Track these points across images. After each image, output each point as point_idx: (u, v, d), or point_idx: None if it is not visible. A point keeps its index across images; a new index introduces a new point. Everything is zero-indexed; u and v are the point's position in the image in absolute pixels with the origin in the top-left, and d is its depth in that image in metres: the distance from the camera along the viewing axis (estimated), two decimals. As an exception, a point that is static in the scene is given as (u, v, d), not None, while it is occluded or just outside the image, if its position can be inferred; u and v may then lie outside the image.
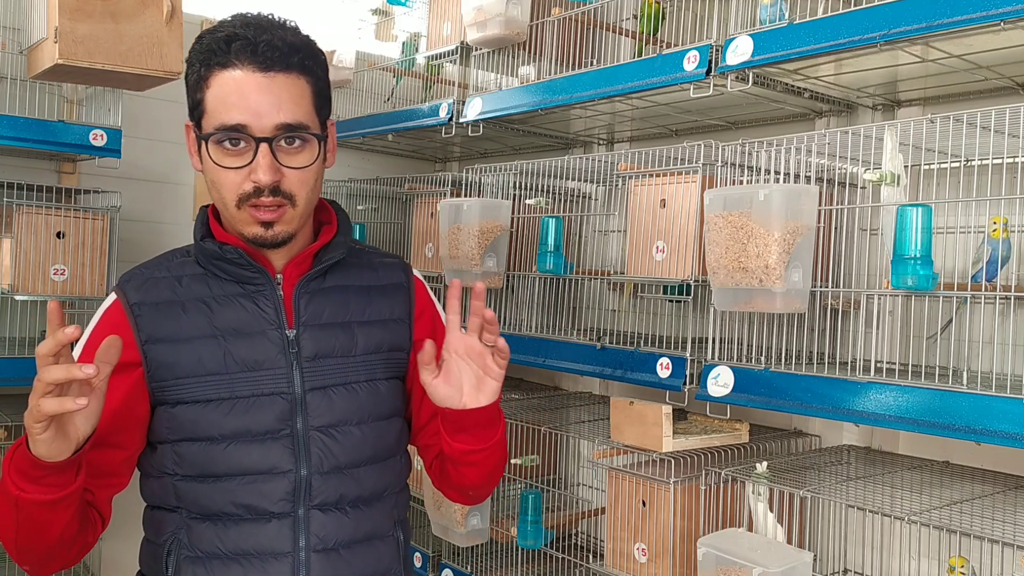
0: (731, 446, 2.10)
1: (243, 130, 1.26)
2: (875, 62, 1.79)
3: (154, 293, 1.34)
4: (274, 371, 1.34)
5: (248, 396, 1.32)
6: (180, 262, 1.39)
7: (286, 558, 1.32)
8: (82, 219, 2.58)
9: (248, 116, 1.25)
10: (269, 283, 1.37)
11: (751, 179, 1.87)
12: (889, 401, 1.56)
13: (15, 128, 2.50)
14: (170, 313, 1.33)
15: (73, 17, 2.10)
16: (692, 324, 2.01)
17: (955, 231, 1.90)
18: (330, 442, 1.35)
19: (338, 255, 1.42)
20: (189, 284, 1.36)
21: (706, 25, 2.08)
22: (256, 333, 1.34)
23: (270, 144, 1.26)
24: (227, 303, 1.35)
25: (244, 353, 1.33)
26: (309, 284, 1.39)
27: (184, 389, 1.32)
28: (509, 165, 2.49)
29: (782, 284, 1.66)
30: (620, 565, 2.10)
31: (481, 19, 2.49)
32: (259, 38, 1.25)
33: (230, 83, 1.26)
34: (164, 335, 1.32)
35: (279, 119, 1.26)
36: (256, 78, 1.26)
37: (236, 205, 1.29)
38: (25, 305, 2.71)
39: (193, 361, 1.32)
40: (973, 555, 1.63)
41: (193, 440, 1.32)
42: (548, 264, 2.34)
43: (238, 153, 1.27)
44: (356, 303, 1.43)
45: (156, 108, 3.12)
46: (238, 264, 1.35)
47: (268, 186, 1.27)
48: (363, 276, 1.46)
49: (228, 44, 1.25)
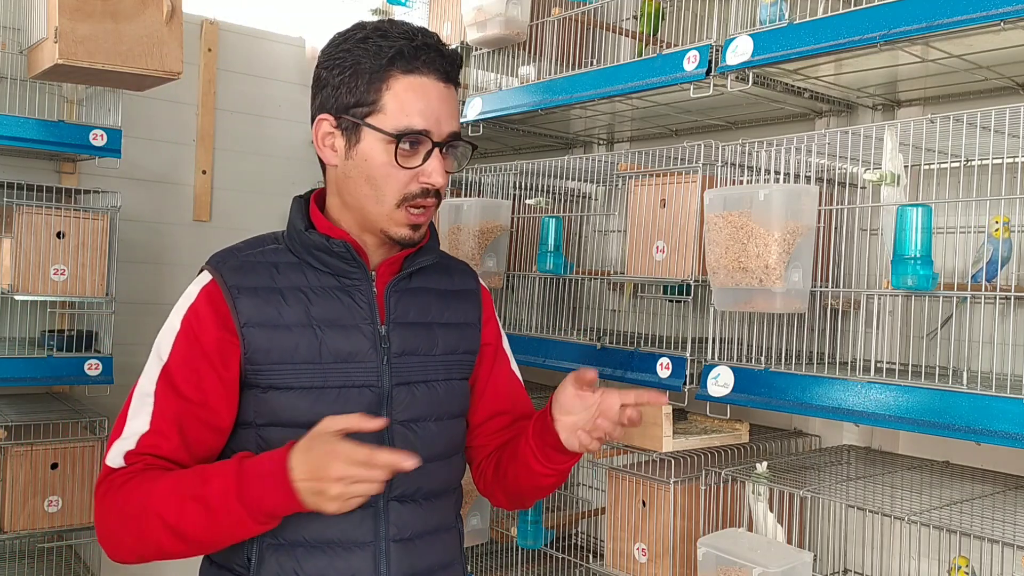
0: (731, 446, 2.10)
1: (427, 135, 1.33)
2: (875, 62, 1.79)
3: (252, 277, 1.37)
4: (365, 364, 1.38)
5: (339, 387, 1.36)
6: (272, 249, 1.42)
7: (368, 547, 1.36)
8: (82, 219, 2.58)
9: (431, 123, 1.33)
10: (366, 279, 1.41)
11: (751, 179, 1.87)
12: (889, 401, 1.56)
13: (15, 128, 2.50)
14: (270, 299, 1.36)
15: (73, 17, 2.10)
16: (692, 324, 2.01)
17: (955, 231, 1.90)
18: (411, 436, 1.40)
19: (430, 260, 1.48)
20: (286, 272, 1.39)
21: (706, 25, 2.08)
22: (351, 327, 1.38)
23: (442, 150, 1.36)
24: (324, 295, 1.38)
25: (338, 345, 1.37)
26: (399, 284, 1.45)
27: (277, 375, 1.34)
28: (509, 165, 2.49)
29: (782, 284, 1.66)
30: (620, 565, 2.10)
31: (481, 19, 2.49)
32: (444, 50, 1.36)
33: (418, 89, 1.33)
34: (263, 320, 1.35)
35: (452, 127, 1.37)
36: (440, 87, 1.35)
37: (396, 204, 1.35)
38: (25, 305, 2.71)
39: (289, 348, 1.34)
40: (973, 555, 1.63)
41: (281, 425, 1.34)
42: (548, 264, 2.34)
43: (412, 154, 1.34)
44: (437, 305, 1.49)
45: (156, 108, 3.12)
46: (341, 258, 1.39)
47: (441, 188, 1.37)
48: (441, 280, 1.52)
49: (418, 52, 1.33)
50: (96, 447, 2.60)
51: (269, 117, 3.42)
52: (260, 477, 1.21)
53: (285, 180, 3.42)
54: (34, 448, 2.50)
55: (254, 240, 1.46)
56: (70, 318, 2.88)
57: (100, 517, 1.29)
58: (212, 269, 1.38)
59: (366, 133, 1.35)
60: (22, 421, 2.52)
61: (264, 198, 3.38)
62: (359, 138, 1.35)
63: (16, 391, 2.84)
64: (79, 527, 2.58)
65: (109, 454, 1.32)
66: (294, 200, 1.46)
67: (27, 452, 2.49)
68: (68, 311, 2.82)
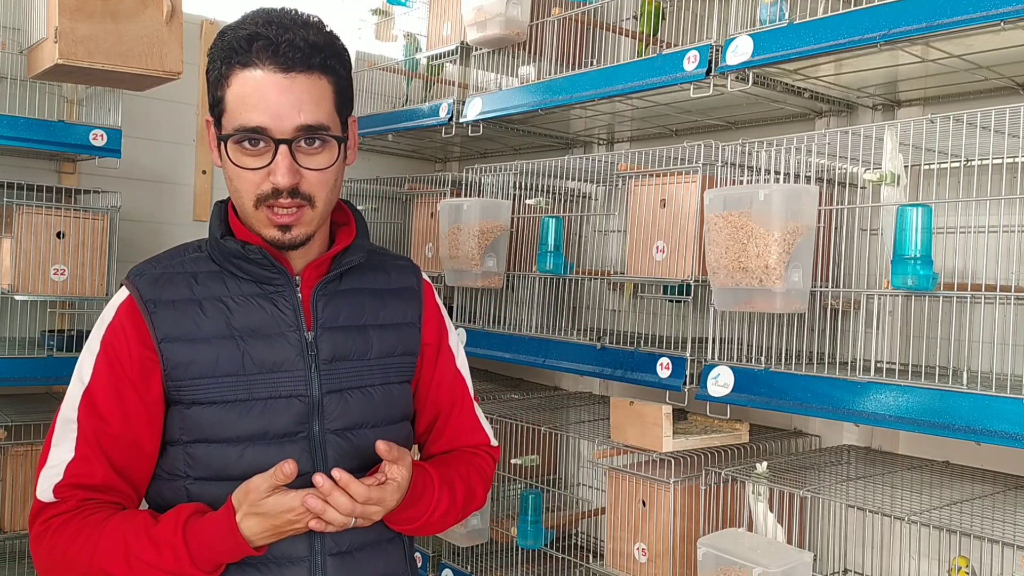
0: (731, 446, 2.10)
1: (263, 132, 1.24)
2: (875, 62, 1.79)
3: (169, 290, 1.32)
4: (292, 373, 1.32)
5: (266, 398, 1.31)
6: (193, 258, 1.36)
7: (303, 562, 1.31)
8: (82, 219, 2.59)
9: (268, 118, 1.24)
10: (289, 284, 1.35)
11: (751, 179, 1.87)
12: (889, 401, 1.56)
13: (15, 128, 2.50)
14: (187, 311, 1.31)
15: (73, 17, 2.10)
16: (692, 324, 2.01)
17: (955, 231, 1.90)
18: (345, 445, 1.35)
19: (357, 259, 1.41)
20: (205, 282, 1.33)
21: (706, 25, 2.08)
22: (275, 335, 1.33)
23: (289, 146, 1.25)
24: (245, 303, 1.33)
25: (263, 355, 1.31)
26: (327, 286, 1.38)
27: (200, 390, 1.29)
28: (509, 165, 2.49)
29: (782, 284, 1.66)
30: (620, 565, 2.10)
31: (481, 19, 2.49)
32: (281, 37, 1.23)
33: (251, 83, 1.24)
34: (181, 334, 1.30)
35: (299, 121, 1.25)
36: (277, 79, 1.24)
37: (254, 205, 1.29)
38: (25, 305, 2.71)
39: (211, 361, 1.29)
40: (973, 555, 1.63)
41: (208, 441, 1.30)
42: (548, 264, 2.34)
43: (257, 153, 1.26)
44: (370, 306, 1.42)
45: (156, 108, 3.12)
46: (259, 264, 1.33)
47: (287, 188, 1.26)
48: (376, 279, 1.46)
49: (250, 43, 1.24)
50: (96, 447, 2.60)
51: (269, 117, 3.41)
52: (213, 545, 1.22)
53: (285, 180, 3.41)
54: (34, 448, 2.49)
55: (177, 249, 1.40)
56: (70, 318, 2.88)
57: (38, 558, 1.26)
58: (129, 283, 1.33)
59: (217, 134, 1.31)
60: (22, 421, 2.52)
61: (264, 198, 3.38)
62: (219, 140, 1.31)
63: (16, 391, 2.84)
64: (79, 527, 2.58)
65: (39, 485, 1.27)
66: (215, 205, 1.40)
67: (27, 452, 2.49)
68: (68, 311, 2.82)
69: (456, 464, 1.48)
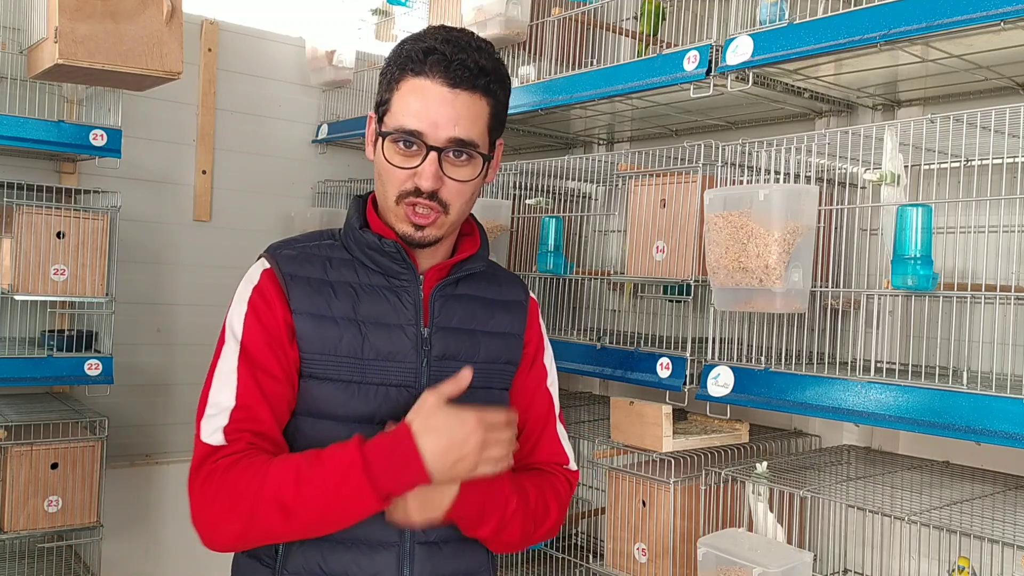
0: (731, 446, 2.10)
1: (418, 136, 1.34)
2: (875, 62, 1.79)
3: (306, 268, 1.40)
4: (405, 364, 1.40)
5: (377, 384, 1.38)
6: (328, 244, 1.45)
7: (393, 548, 1.36)
8: (82, 219, 2.58)
9: (426, 125, 1.34)
10: (415, 281, 1.43)
11: (751, 179, 1.87)
12: (889, 401, 1.56)
13: (15, 128, 2.50)
14: (321, 290, 1.39)
15: (73, 17, 2.10)
16: (692, 324, 2.01)
17: (955, 231, 1.90)
18: None
19: (478, 268, 1.50)
20: (338, 267, 1.42)
21: (706, 25, 2.08)
22: (394, 326, 1.40)
23: (439, 154, 1.35)
24: (372, 293, 1.41)
25: (381, 343, 1.39)
26: (444, 289, 1.46)
27: (319, 365, 1.36)
28: (509, 165, 2.49)
29: (782, 284, 1.66)
30: (620, 565, 2.10)
31: (481, 19, 2.49)
32: (455, 56, 1.34)
33: (418, 91, 1.34)
34: (313, 309, 1.37)
35: (453, 133, 1.34)
36: (443, 92, 1.34)
37: (396, 201, 1.37)
38: (25, 305, 2.71)
39: (334, 340, 1.37)
40: (973, 555, 1.63)
41: (317, 416, 1.36)
42: (548, 264, 2.34)
43: (409, 154, 1.35)
44: (481, 313, 1.50)
45: (156, 108, 3.12)
46: (392, 258, 1.41)
47: (428, 191, 1.35)
48: (489, 289, 1.53)
49: (426, 56, 1.34)
50: (96, 447, 2.60)
51: (269, 117, 3.42)
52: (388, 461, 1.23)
53: (285, 180, 3.42)
54: (34, 448, 2.50)
55: (312, 234, 1.49)
56: (70, 318, 2.88)
57: (202, 500, 1.28)
58: (269, 257, 1.42)
59: (377, 130, 1.41)
60: (22, 421, 2.52)
61: (264, 198, 3.38)
62: (378, 135, 1.40)
63: (16, 391, 2.84)
64: (79, 527, 2.58)
65: (202, 431, 1.31)
66: (353, 199, 1.50)
67: (27, 452, 2.49)
68: (68, 311, 2.82)
69: (530, 476, 1.50)
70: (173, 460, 3.10)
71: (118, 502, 2.90)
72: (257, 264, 1.43)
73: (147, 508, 3.02)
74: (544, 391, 1.60)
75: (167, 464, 3.08)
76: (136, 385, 3.07)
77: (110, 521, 2.75)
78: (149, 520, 3.01)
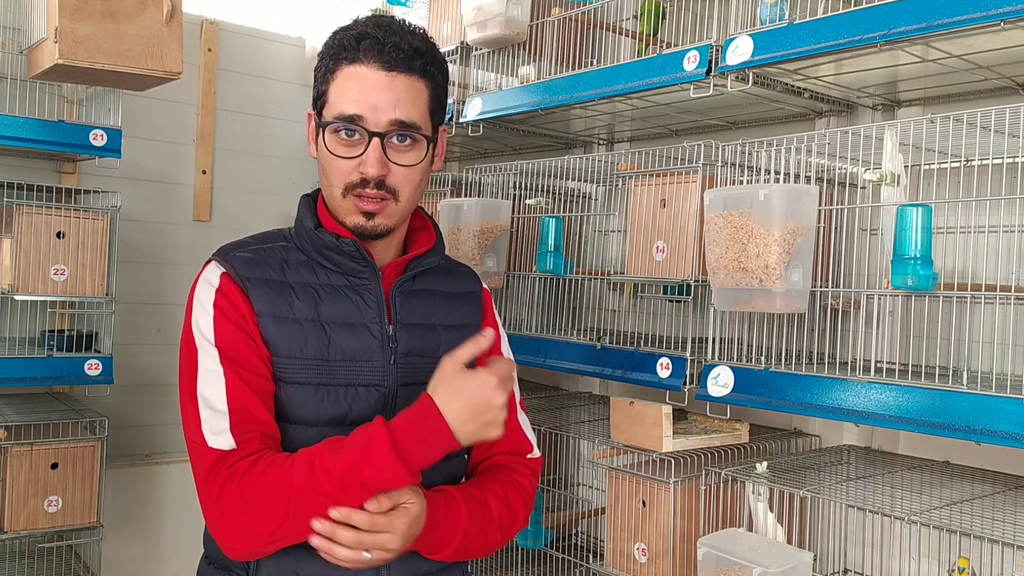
0: (731, 446, 2.10)
1: (359, 122, 1.32)
2: (875, 62, 1.79)
3: (264, 270, 1.38)
4: (372, 364, 1.39)
5: (345, 385, 1.37)
6: (281, 246, 1.43)
7: None
8: (82, 219, 2.59)
9: (365, 109, 1.32)
10: (375, 279, 1.42)
11: (751, 179, 1.86)
12: (889, 401, 1.56)
13: (15, 128, 2.50)
14: (281, 292, 1.37)
15: (73, 17, 2.10)
16: (692, 324, 2.01)
17: (955, 231, 1.90)
18: None
19: (435, 262, 1.49)
20: (296, 268, 1.40)
21: (706, 25, 2.08)
22: (359, 326, 1.39)
23: (382, 139, 1.33)
24: (334, 293, 1.39)
25: (347, 344, 1.38)
26: (403, 285, 1.45)
27: (286, 368, 1.35)
28: (509, 165, 2.49)
29: (782, 284, 1.66)
30: (620, 565, 2.10)
31: (481, 19, 2.49)
32: (387, 39, 1.33)
33: (354, 77, 1.33)
34: (275, 312, 1.35)
35: (394, 116, 1.33)
36: (379, 75, 1.33)
37: (342, 193, 1.36)
38: (25, 305, 2.71)
39: (299, 343, 1.35)
40: (973, 555, 1.63)
41: (286, 421, 1.35)
42: (548, 264, 2.34)
43: (351, 144, 1.34)
44: (440, 307, 1.49)
45: (156, 108, 3.12)
46: (351, 257, 1.39)
47: (375, 179, 1.33)
48: (445, 282, 1.53)
49: (358, 41, 1.33)
50: (96, 447, 2.60)
51: (269, 117, 3.42)
52: (416, 434, 1.22)
53: (285, 180, 3.42)
54: (34, 448, 2.50)
55: (262, 235, 1.46)
56: (70, 318, 2.88)
57: (224, 507, 1.25)
58: (222, 261, 1.38)
59: (317, 124, 1.39)
60: (22, 421, 2.52)
61: (264, 198, 3.39)
62: (317, 129, 1.39)
63: (16, 391, 2.84)
64: (79, 527, 2.58)
65: (207, 439, 1.28)
66: (302, 198, 1.47)
67: (27, 452, 2.49)
68: (68, 311, 2.82)
69: (490, 483, 1.48)
70: (173, 460, 3.10)
71: (118, 502, 2.91)
72: (210, 268, 1.38)
73: (147, 508, 3.02)
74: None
75: (167, 464, 3.09)
76: (136, 385, 3.07)
77: (110, 521, 2.76)
78: (149, 520, 3.01)
